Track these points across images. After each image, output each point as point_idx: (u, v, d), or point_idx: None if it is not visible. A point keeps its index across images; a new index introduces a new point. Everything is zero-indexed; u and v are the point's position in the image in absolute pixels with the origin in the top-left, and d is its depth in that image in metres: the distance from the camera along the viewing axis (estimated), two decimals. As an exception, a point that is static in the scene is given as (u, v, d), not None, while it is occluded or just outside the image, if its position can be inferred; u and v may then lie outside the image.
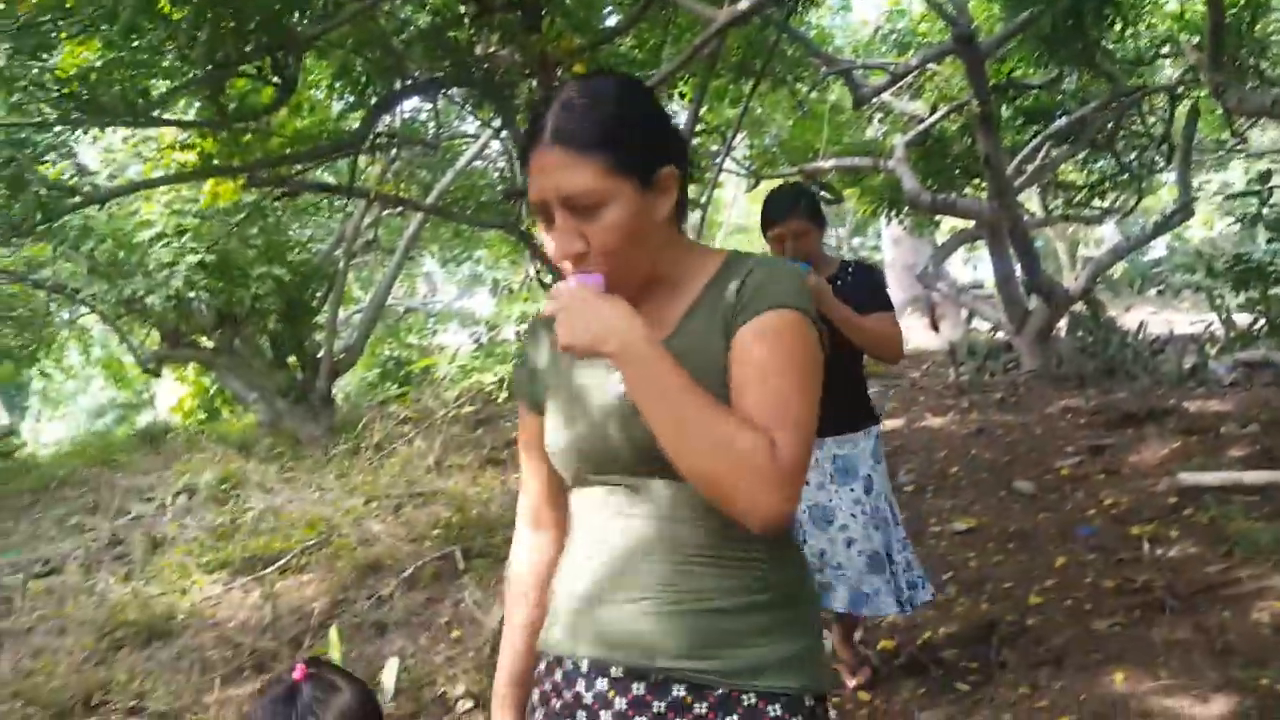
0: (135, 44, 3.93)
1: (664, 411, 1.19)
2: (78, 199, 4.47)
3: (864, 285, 3.09)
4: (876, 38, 8.08)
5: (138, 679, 4.69)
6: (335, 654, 3.85)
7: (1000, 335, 9.23)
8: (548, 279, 6.71)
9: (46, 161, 4.91)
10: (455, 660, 4.51)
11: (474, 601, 5.13)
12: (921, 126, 7.17)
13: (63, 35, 3.99)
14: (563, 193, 1.24)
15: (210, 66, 3.85)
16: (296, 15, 3.09)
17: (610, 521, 1.36)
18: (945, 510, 5.30)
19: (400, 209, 7.79)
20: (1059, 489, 5.48)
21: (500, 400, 8.67)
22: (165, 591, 5.78)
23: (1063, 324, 8.82)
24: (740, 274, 1.32)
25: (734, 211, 16.25)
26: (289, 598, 5.59)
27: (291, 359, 9.08)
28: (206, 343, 8.86)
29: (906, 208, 8.71)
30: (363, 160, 6.63)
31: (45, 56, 4.08)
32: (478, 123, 6.44)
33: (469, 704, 4.01)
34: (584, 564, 1.40)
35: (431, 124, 6.66)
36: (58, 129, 5.20)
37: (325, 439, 8.65)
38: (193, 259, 7.01)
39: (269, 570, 5.94)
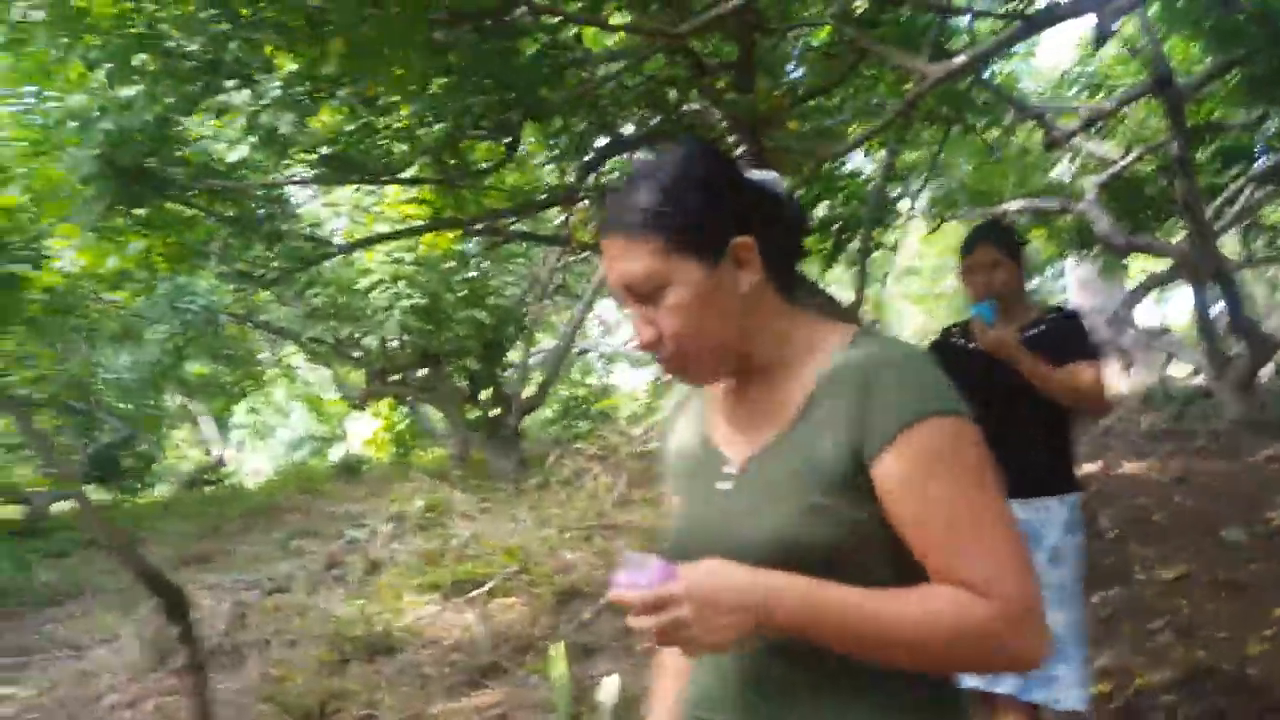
0: (391, 114, 4.38)
1: (874, 649, 1.08)
2: (328, 249, 5.01)
3: (1064, 333, 2.80)
4: (1066, 80, 8.03)
5: (367, 690, 5.11)
6: (558, 672, 4.11)
7: (1199, 380, 8.87)
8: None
9: (297, 216, 5.50)
10: (658, 684, 4.73)
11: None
12: (1114, 168, 7.06)
13: (320, 104, 4.50)
14: (624, 280, 1.18)
15: (454, 130, 4.26)
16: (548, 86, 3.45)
17: None
18: (1150, 557, 5.18)
19: (589, 254, 8.22)
20: (1271, 539, 5.27)
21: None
22: (383, 610, 6.24)
23: (1268, 370, 8.42)
24: (865, 366, 1.15)
25: (904, 254, 16.22)
26: (497, 620, 5.96)
27: (485, 396, 9.63)
28: (411, 381, 9.51)
29: (1095, 250, 8.55)
30: (558, 208, 7.05)
31: (304, 121, 4.57)
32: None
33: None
34: (698, 676, 1.29)
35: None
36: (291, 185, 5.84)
37: (515, 472, 9.11)
38: (406, 303, 7.61)
39: (477, 593, 6.34)
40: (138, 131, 4.22)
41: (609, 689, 4.38)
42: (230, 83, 3.72)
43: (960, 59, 3.29)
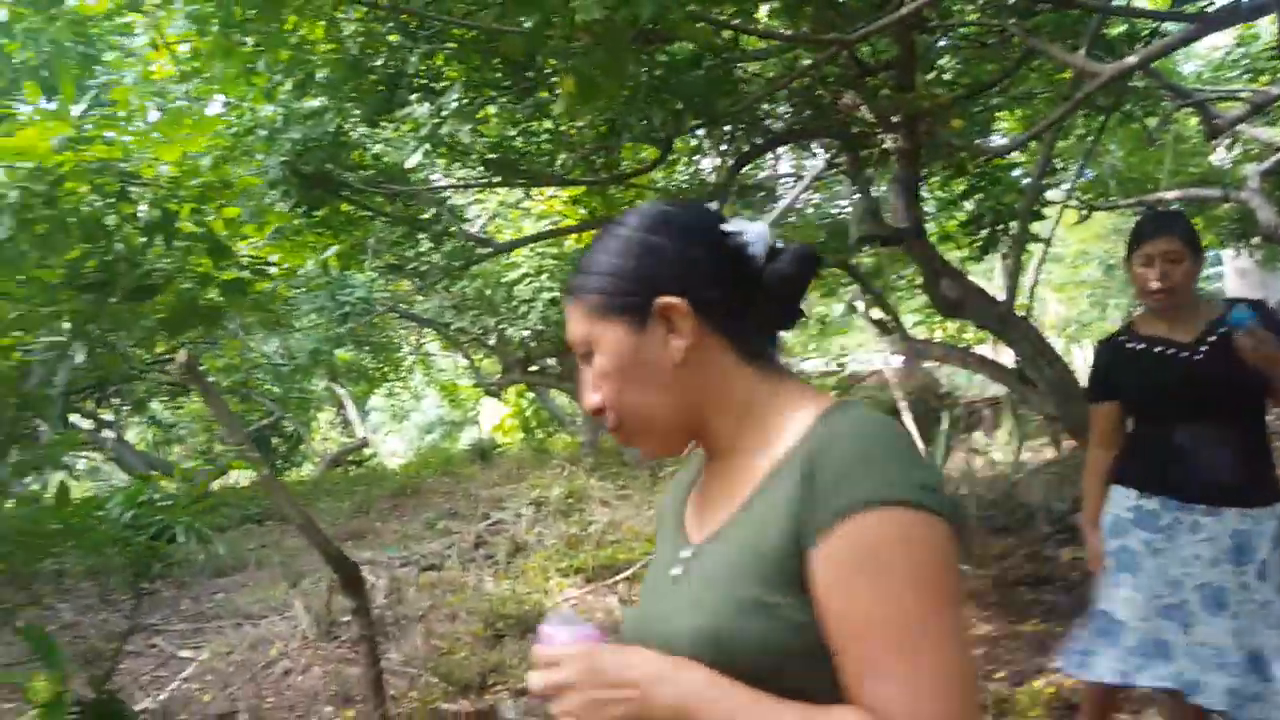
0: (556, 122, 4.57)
1: None
2: (489, 249, 5.26)
3: (1274, 327, 2.57)
4: (1226, 62, 7.70)
5: (523, 665, 5.36)
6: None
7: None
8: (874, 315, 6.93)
9: (463, 217, 5.77)
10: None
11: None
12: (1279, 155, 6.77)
13: (489, 112, 4.73)
14: (570, 341, 1.17)
15: (615, 137, 4.42)
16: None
17: None
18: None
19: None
20: None
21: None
22: (532, 591, 6.51)
23: None
24: (816, 445, 1.01)
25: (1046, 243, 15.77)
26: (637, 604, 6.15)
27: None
28: (548, 370, 9.82)
29: (1256, 240, 8.19)
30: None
31: (478, 130, 4.80)
32: (817, 167, 6.81)
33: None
34: None
35: (766, 169, 7.12)
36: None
37: (650, 461, 9.30)
38: (548, 296, 7.87)
39: (619, 579, 6.56)
40: (319, 140, 4.54)
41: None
42: (413, 95, 3.96)
43: (1132, 59, 3.25)
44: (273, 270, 3.49)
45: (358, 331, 10.63)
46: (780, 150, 7.26)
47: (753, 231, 1.14)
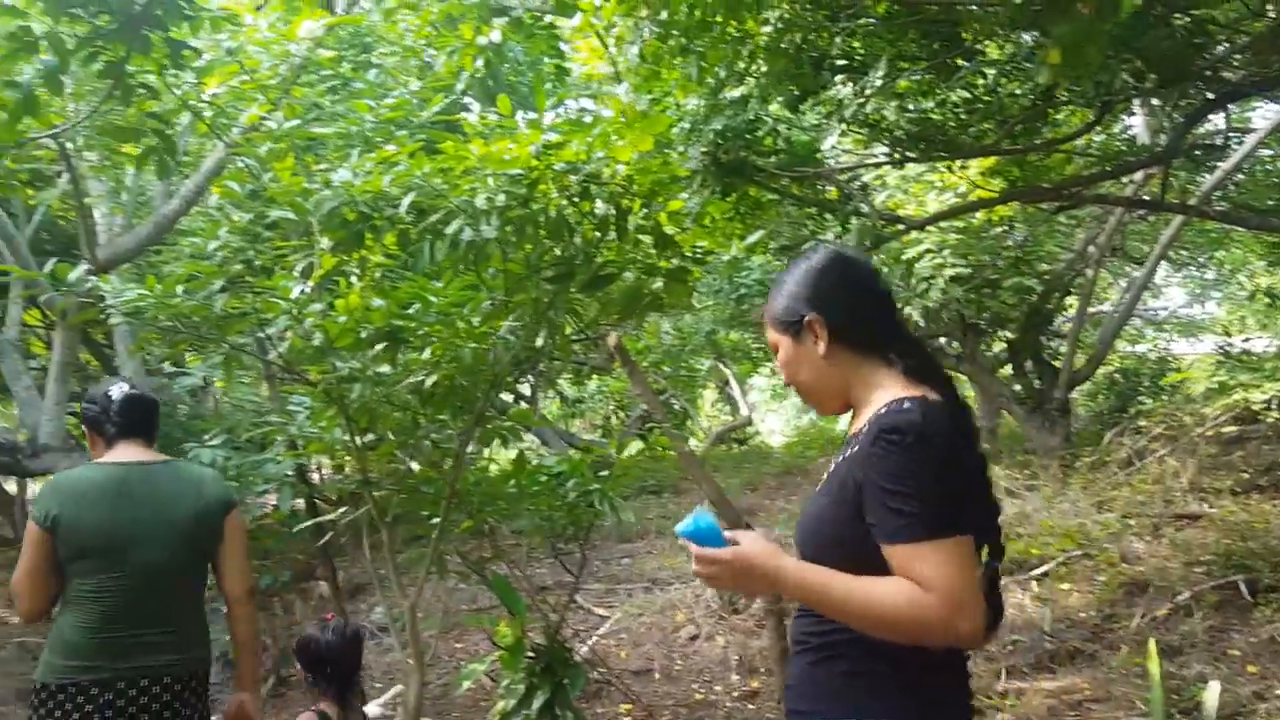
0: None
1: None
2: (900, 226, 5.14)
3: (855, 473, 1.53)
4: None
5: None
6: (1155, 670, 3.88)
7: None
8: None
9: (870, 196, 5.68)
10: (1265, 695, 4.25)
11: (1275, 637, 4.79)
12: None
13: (902, 85, 4.58)
14: None
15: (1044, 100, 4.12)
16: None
17: None
18: None
19: (1162, 213, 7.50)
20: None
21: (1270, 420, 7.83)
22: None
23: None
24: None
25: None
26: (1058, 604, 5.74)
27: (1028, 366, 9.26)
28: (947, 349, 9.45)
29: None
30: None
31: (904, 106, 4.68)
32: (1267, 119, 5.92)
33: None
34: None
35: (1207, 124, 6.31)
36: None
37: (1061, 449, 8.66)
38: (950, 272, 7.53)
39: (1033, 574, 6.17)
40: (738, 129, 4.66)
41: (1211, 693, 4.05)
42: (837, 77, 3.94)
43: None
44: (706, 258, 3.64)
45: (748, 313, 10.90)
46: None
47: None
